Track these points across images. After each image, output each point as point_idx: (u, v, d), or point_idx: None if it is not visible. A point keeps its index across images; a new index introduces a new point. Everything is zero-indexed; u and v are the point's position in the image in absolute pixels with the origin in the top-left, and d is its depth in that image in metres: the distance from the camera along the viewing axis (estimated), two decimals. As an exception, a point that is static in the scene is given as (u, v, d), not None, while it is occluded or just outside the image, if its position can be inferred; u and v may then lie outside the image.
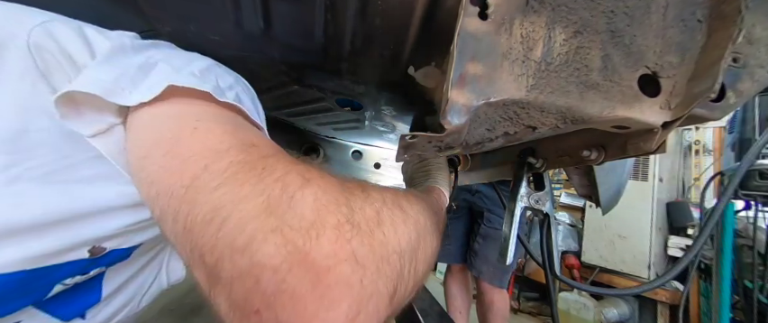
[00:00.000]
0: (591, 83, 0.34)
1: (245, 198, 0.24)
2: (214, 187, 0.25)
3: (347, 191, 0.28)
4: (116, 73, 0.33)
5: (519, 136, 0.39)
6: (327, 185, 0.27)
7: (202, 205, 0.25)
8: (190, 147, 0.28)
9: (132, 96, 0.32)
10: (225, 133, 0.30)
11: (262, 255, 0.22)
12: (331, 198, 0.26)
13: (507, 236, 0.60)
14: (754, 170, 1.50)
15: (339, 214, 0.25)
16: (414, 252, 0.31)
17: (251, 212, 0.23)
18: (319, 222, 0.24)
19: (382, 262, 0.26)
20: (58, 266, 0.35)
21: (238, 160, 0.27)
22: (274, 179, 0.26)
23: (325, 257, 0.23)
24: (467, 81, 0.31)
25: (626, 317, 2.44)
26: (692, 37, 0.35)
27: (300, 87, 0.62)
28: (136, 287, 0.49)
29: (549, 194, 0.64)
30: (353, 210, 0.27)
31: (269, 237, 0.23)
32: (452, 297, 1.83)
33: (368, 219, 0.27)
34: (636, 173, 2.48)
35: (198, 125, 0.30)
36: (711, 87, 0.31)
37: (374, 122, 0.80)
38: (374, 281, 0.24)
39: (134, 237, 0.42)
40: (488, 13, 0.31)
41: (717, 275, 1.47)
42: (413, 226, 0.32)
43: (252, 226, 0.23)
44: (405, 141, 0.40)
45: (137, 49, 0.37)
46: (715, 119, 0.36)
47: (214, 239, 0.23)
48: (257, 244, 0.22)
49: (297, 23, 0.44)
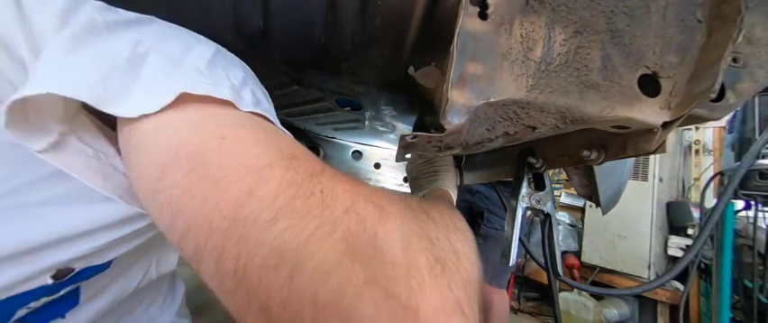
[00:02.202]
0: (591, 83, 0.34)
1: (315, 236, 0.20)
2: (268, 221, 0.20)
3: (417, 217, 0.26)
4: (102, 70, 0.25)
5: (519, 136, 0.39)
6: (400, 212, 0.24)
7: (257, 245, 0.20)
8: (221, 163, 0.23)
9: (128, 103, 0.25)
10: (259, 142, 0.25)
11: (362, 317, 0.18)
12: (411, 230, 0.23)
13: (510, 237, 0.60)
14: (754, 171, 1.50)
15: (427, 252, 0.22)
16: (481, 276, 0.29)
17: (330, 256, 0.20)
18: (414, 267, 0.21)
19: (474, 303, 0.23)
20: (14, 297, 0.30)
21: (287, 180, 0.22)
22: (344, 209, 0.22)
23: (436, 312, 0.20)
24: (467, 81, 0.31)
25: (626, 317, 2.44)
26: (692, 37, 0.35)
27: (300, 87, 0.62)
28: (121, 286, 0.45)
29: (550, 194, 0.64)
30: (433, 243, 0.24)
31: (365, 292, 0.19)
32: None
33: (448, 252, 0.25)
34: (636, 173, 2.48)
35: (225, 133, 0.24)
36: (711, 87, 0.31)
37: (374, 122, 0.80)
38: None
39: (110, 254, 0.36)
40: (487, 13, 0.31)
41: (717, 275, 1.46)
42: (473, 246, 0.30)
43: (337, 275, 0.19)
44: (405, 141, 0.40)
45: (111, 27, 0.28)
46: (715, 119, 0.36)
47: (285, 291, 0.19)
48: (351, 302, 0.19)
49: (297, 23, 0.44)
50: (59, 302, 0.36)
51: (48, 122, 0.26)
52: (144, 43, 0.28)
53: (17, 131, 0.25)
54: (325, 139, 1.05)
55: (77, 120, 0.29)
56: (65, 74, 0.24)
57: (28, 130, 0.25)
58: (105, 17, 0.28)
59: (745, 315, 1.66)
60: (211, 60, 0.30)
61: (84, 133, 0.29)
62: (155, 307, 0.58)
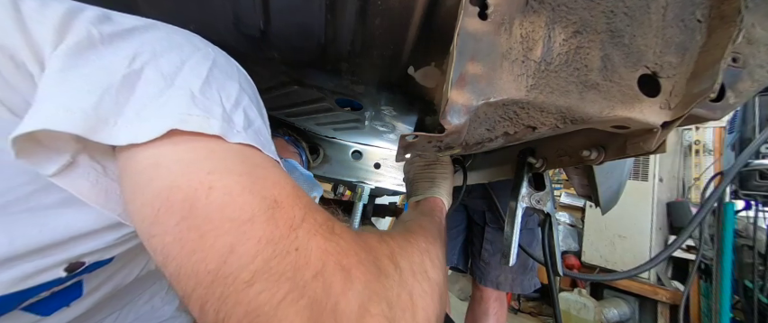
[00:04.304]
0: (591, 83, 0.34)
1: (285, 301, 0.22)
2: (246, 281, 0.22)
3: (381, 275, 0.28)
4: (96, 93, 0.25)
5: (519, 136, 0.39)
6: (365, 275, 0.26)
7: (235, 304, 0.22)
8: (208, 216, 0.24)
9: (120, 130, 0.26)
10: (244, 190, 0.26)
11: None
12: (371, 294, 0.26)
13: (509, 237, 0.60)
14: (755, 170, 1.50)
15: (381, 317, 0.25)
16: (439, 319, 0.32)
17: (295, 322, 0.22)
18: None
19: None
20: (31, 288, 0.32)
21: (266, 237, 0.24)
22: (312, 274, 0.24)
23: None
24: (467, 81, 0.31)
25: (627, 317, 2.44)
26: (692, 37, 0.35)
27: (300, 87, 0.62)
28: (122, 277, 0.47)
29: (550, 194, 0.64)
30: (392, 305, 0.27)
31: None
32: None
33: (405, 310, 0.28)
34: (636, 173, 2.49)
35: (213, 183, 0.26)
36: (711, 86, 0.31)
37: (374, 122, 0.80)
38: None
39: (116, 250, 0.39)
40: (487, 14, 0.31)
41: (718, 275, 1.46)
42: (438, 293, 0.34)
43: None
44: (405, 141, 0.40)
45: (108, 41, 0.28)
46: (715, 119, 0.36)
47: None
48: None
49: (296, 23, 0.44)
50: (64, 293, 0.39)
51: (60, 143, 0.27)
52: (140, 58, 0.28)
53: (29, 158, 0.26)
54: (325, 139, 1.05)
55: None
56: (59, 102, 0.25)
57: (41, 154, 0.27)
58: (102, 30, 0.28)
59: (745, 315, 1.67)
60: (205, 79, 0.30)
61: (95, 149, 0.30)
62: (157, 298, 0.60)
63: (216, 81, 0.31)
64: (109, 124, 0.26)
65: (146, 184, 0.26)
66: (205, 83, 0.30)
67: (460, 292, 3.04)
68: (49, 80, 0.26)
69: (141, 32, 0.31)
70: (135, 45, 0.29)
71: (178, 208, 0.25)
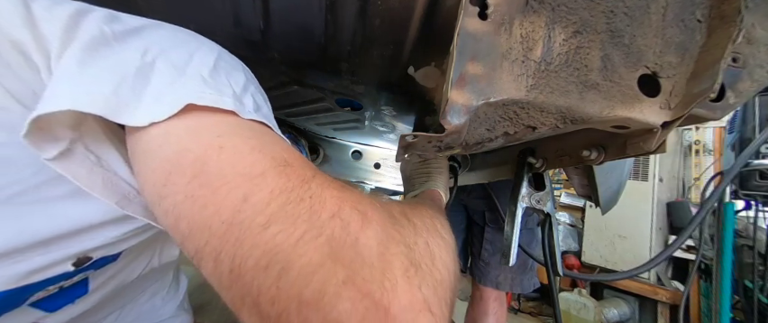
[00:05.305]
0: (591, 83, 0.34)
1: (303, 240, 0.22)
2: (262, 224, 0.22)
3: (397, 223, 0.27)
4: (114, 81, 0.27)
5: (519, 136, 0.39)
6: (381, 219, 0.26)
7: (251, 247, 0.22)
8: (220, 172, 0.24)
9: (139, 112, 0.27)
10: (254, 150, 0.27)
11: (339, 313, 0.20)
12: (389, 236, 0.25)
13: (509, 237, 0.60)
14: (755, 170, 1.50)
15: (402, 256, 0.24)
16: (457, 279, 0.31)
17: (315, 258, 0.22)
18: (389, 269, 0.23)
19: (444, 304, 0.25)
20: (40, 282, 0.33)
21: (279, 187, 0.24)
22: (329, 215, 0.24)
23: (404, 310, 0.22)
24: (467, 81, 0.31)
25: (627, 317, 2.44)
26: (692, 37, 0.35)
27: (300, 87, 0.62)
28: (126, 274, 0.48)
29: (550, 194, 0.64)
30: (410, 247, 0.26)
31: (343, 291, 0.21)
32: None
33: (423, 256, 0.27)
34: (636, 173, 2.49)
35: (223, 143, 0.26)
36: (711, 86, 0.31)
37: (374, 122, 0.80)
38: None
39: (123, 245, 0.39)
40: (487, 14, 0.31)
41: (718, 275, 1.46)
42: (452, 251, 0.32)
43: (320, 276, 0.21)
44: (405, 141, 0.40)
45: (119, 37, 0.30)
46: (715, 119, 0.36)
47: (274, 289, 0.21)
48: (330, 299, 0.21)
49: (296, 24, 0.44)
50: (71, 290, 0.39)
51: (58, 130, 0.28)
52: (151, 52, 0.30)
53: (31, 140, 0.27)
54: (325, 139, 1.05)
55: (85, 126, 0.30)
56: (80, 88, 0.26)
57: (41, 138, 0.27)
58: (113, 28, 0.30)
59: (745, 315, 1.66)
60: (214, 67, 0.31)
61: (89, 139, 0.31)
62: (159, 297, 0.60)
63: (224, 70, 0.32)
64: (130, 107, 0.27)
65: (157, 151, 0.27)
66: (214, 70, 0.31)
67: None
68: (66, 71, 0.27)
69: (148, 30, 0.32)
70: (145, 42, 0.30)
71: (189, 169, 0.25)
